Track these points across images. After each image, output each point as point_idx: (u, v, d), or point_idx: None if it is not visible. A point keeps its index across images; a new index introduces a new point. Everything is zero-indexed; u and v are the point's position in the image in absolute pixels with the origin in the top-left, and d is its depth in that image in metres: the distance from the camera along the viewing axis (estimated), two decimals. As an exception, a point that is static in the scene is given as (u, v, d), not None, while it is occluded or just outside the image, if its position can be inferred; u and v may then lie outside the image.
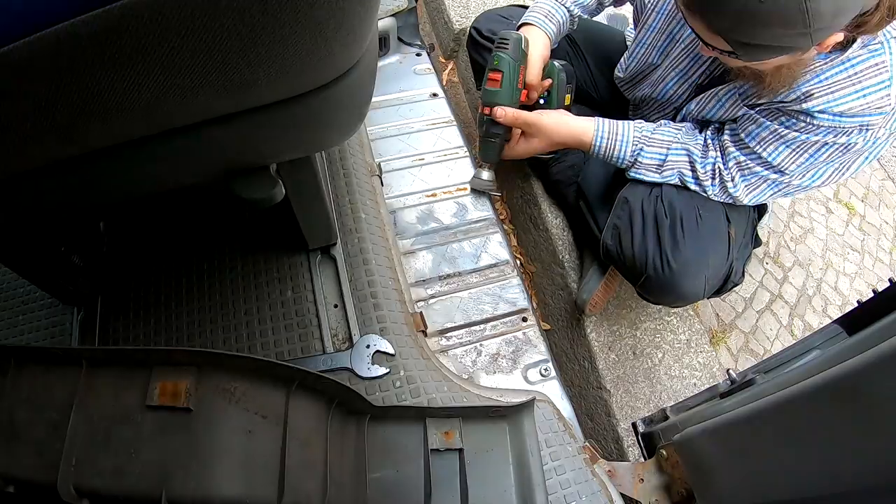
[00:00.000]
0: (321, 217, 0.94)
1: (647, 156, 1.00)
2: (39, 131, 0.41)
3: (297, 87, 0.48)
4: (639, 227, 0.99)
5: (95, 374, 0.66)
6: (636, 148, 1.01)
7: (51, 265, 0.90)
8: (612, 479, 0.84)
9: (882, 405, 0.45)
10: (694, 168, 0.98)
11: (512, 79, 1.07)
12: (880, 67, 0.79)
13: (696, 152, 0.97)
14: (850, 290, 1.45)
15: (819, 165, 0.90)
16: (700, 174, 0.97)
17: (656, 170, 1.01)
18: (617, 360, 1.16)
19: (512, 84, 1.08)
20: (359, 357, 0.92)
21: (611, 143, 1.03)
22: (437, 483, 0.76)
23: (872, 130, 0.83)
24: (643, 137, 1.01)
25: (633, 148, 1.01)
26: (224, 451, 0.63)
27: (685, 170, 0.99)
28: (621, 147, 1.02)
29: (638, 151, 1.01)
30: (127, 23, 0.34)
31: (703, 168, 0.97)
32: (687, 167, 0.98)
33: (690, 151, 0.98)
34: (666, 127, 1.02)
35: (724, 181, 0.96)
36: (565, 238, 1.28)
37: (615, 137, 1.03)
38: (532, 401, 0.83)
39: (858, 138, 0.84)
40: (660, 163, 1.00)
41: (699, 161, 0.97)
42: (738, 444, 0.64)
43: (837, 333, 0.76)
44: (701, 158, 0.97)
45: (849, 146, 0.85)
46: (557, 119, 1.07)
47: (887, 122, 0.83)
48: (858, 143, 0.85)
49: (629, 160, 1.02)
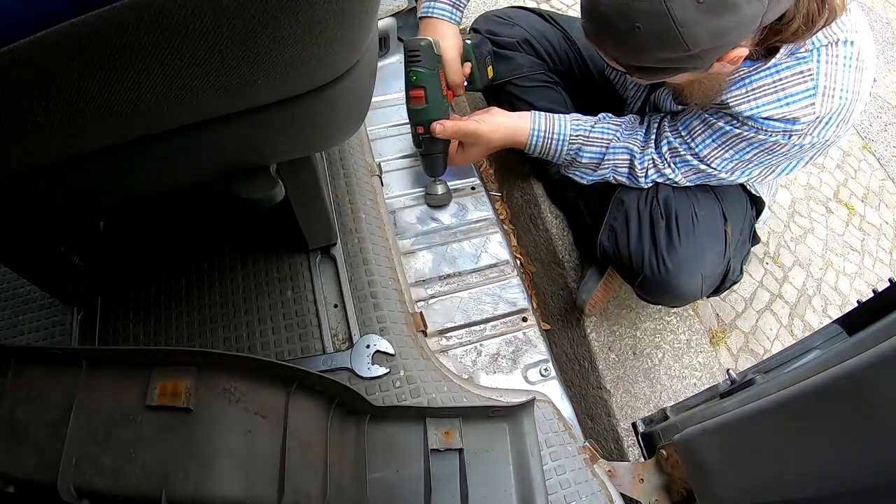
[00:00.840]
0: (321, 217, 0.94)
1: (585, 156, 1.01)
2: (39, 131, 0.41)
3: (298, 87, 0.48)
4: (634, 227, 0.99)
5: (95, 374, 0.66)
6: (573, 147, 1.01)
7: (51, 265, 0.90)
8: (612, 479, 0.84)
9: (882, 405, 0.45)
10: (632, 165, 0.99)
11: (435, 90, 1.01)
12: (805, 75, 0.78)
13: (635, 150, 0.98)
14: (850, 290, 1.45)
15: (745, 164, 0.91)
16: (637, 170, 0.98)
17: (593, 169, 1.01)
18: (617, 360, 1.16)
19: (437, 95, 1.02)
20: (359, 357, 0.92)
21: (546, 142, 1.02)
22: (437, 483, 0.76)
23: (797, 136, 0.83)
24: (580, 136, 1.00)
25: (569, 147, 1.01)
26: (224, 451, 0.63)
27: (622, 167, 1.00)
28: (558, 147, 1.02)
29: (575, 151, 1.01)
30: (127, 23, 0.34)
31: (641, 164, 0.98)
32: (625, 165, 0.99)
33: (631, 150, 0.98)
34: (606, 122, 1.01)
35: (661, 169, 0.97)
36: (565, 238, 1.28)
37: (551, 136, 1.02)
38: (532, 401, 0.83)
39: (783, 141, 0.84)
40: (597, 162, 1.01)
41: (638, 157, 0.98)
42: (738, 444, 0.64)
43: (837, 333, 0.76)
44: (640, 155, 0.98)
45: (773, 148, 0.86)
46: (494, 124, 1.04)
47: (812, 129, 0.82)
48: (783, 146, 0.85)
49: (566, 158, 1.02)
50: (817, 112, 0.79)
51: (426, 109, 1.02)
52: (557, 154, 1.03)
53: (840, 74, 0.78)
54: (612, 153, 0.99)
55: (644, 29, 0.71)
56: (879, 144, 1.83)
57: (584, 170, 1.02)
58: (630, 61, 0.78)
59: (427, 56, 0.99)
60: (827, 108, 0.79)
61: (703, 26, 0.69)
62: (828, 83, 0.78)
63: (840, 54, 0.77)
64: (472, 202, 1.25)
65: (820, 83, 0.78)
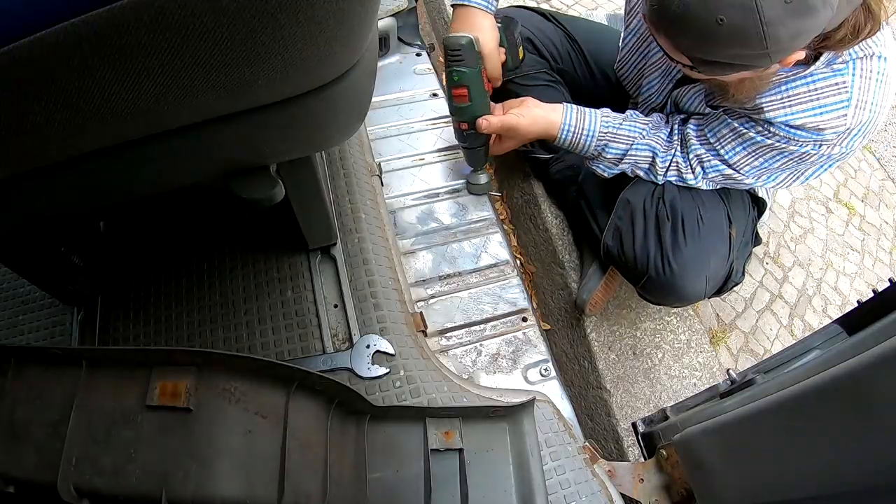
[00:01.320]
0: (321, 217, 0.94)
1: (610, 151, 1.02)
2: (39, 131, 0.41)
3: (298, 87, 0.48)
4: (640, 227, 0.99)
5: (95, 374, 0.66)
6: (601, 143, 1.03)
7: (51, 265, 0.90)
8: (612, 479, 0.84)
9: (882, 405, 0.45)
10: (653, 163, 1.00)
11: (478, 87, 1.03)
12: (840, 87, 0.79)
13: (659, 149, 0.99)
14: (850, 290, 1.45)
15: (773, 171, 0.93)
16: (658, 167, 0.99)
17: (615, 164, 1.03)
18: (617, 360, 1.15)
19: (480, 92, 1.04)
20: (359, 357, 0.92)
21: (576, 137, 1.04)
22: (437, 483, 0.76)
23: (826, 146, 0.84)
24: (608, 133, 1.02)
25: (597, 143, 1.03)
26: (224, 451, 0.63)
27: (643, 163, 1.01)
28: (586, 142, 1.04)
29: (602, 146, 1.03)
30: (127, 23, 0.34)
31: (664, 163, 0.99)
32: (646, 161, 1.01)
33: (654, 148, 1.00)
34: (633, 120, 1.02)
35: (683, 173, 0.98)
36: (565, 238, 1.28)
37: (581, 131, 1.04)
38: (532, 401, 0.83)
39: (812, 151, 0.85)
40: (621, 158, 1.02)
41: (660, 156, 0.99)
42: (738, 444, 0.64)
43: (837, 333, 0.76)
44: (663, 154, 0.99)
45: (802, 157, 0.87)
46: (532, 117, 1.06)
47: (842, 140, 0.84)
48: (812, 156, 0.87)
49: (593, 153, 1.04)
50: (848, 123, 0.80)
51: (470, 107, 1.04)
52: (585, 148, 1.05)
53: (872, 89, 0.79)
54: (636, 150, 1.01)
55: (727, 23, 0.69)
56: (879, 144, 1.83)
57: (607, 163, 1.04)
58: (699, 53, 0.77)
59: (469, 55, 1.00)
60: (857, 120, 0.80)
61: (785, 27, 0.69)
62: (861, 96, 0.79)
63: (874, 69, 0.79)
64: (472, 202, 1.25)
65: (854, 96, 0.79)
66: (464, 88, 1.02)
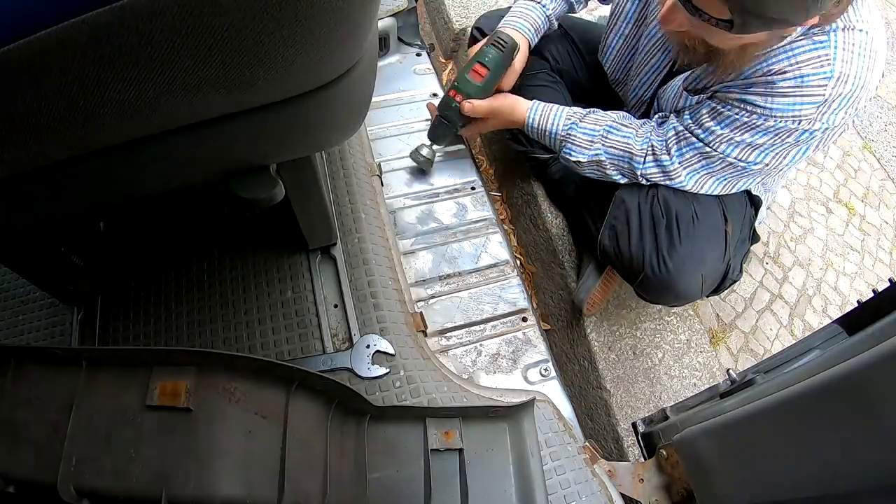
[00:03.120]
0: (321, 217, 0.94)
1: (579, 131, 1.04)
2: (39, 132, 0.41)
3: (298, 86, 0.48)
4: (635, 226, 0.99)
5: (95, 374, 0.66)
6: (569, 122, 1.05)
7: (51, 265, 0.90)
8: (612, 479, 0.84)
9: (882, 405, 0.45)
10: (628, 146, 1.00)
11: (494, 78, 1.09)
12: (823, 60, 0.79)
13: (631, 133, 1.00)
14: (850, 290, 1.45)
15: (753, 150, 0.90)
16: (635, 153, 0.99)
17: (588, 145, 1.03)
18: (617, 360, 1.15)
19: (491, 84, 1.10)
20: (359, 357, 0.92)
21: (544, 118, 1.07)
22: (437, 483, 0.76)
23: (806, 121, 0.83)
24: (576, 115, 1.05)
25: (565, 122, 1.05)
26: (224, 451, 0.63)
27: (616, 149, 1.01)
28: (554, 120, 1.06)
29: (570, 125, 1.04)
30: (127, 23, 0.34)
31: (640, 146, 0.99)
32: (620, 146, 1.01)
33: (625, 132, 1.00)
34: (601, 112, 1.05)
35: (658, 156, 0.97)
36: (565, 238, 1.28)
37: (548, 112, 1.07)
38: (532, 401, 0.83)
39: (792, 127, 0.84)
40: (591, 138, 1.03)
41: (634, 139, 0.99)
42: (738, 444, 0.64)
43: (837, 333, 0.76)
44: (637, 137, 0.99)
45: (780, 133, 0.86)
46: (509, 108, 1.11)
47: (821, 114, 0.82)
48: (792, 133, 0.85)
49: (562, 134, 1.05)
50: (827, 94, 0.80)
51: (478, 87, 1.10)
52: (553, 129, 1.06)
53: (856, 62, 0.79)
54: (608, 130, 1.02)
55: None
56: (879, 144, 1.83)
57: (578, 148, 1.04)
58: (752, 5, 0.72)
59: (508, 54, 1.08)
60: (837, 92, 0.80)
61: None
62: (843, 69, 0.79)
63: (856, 42, 0.78)
64: (472, 202, 1.25)
65: (836, 68, 0.78)
66: (486, 70, 1.08)
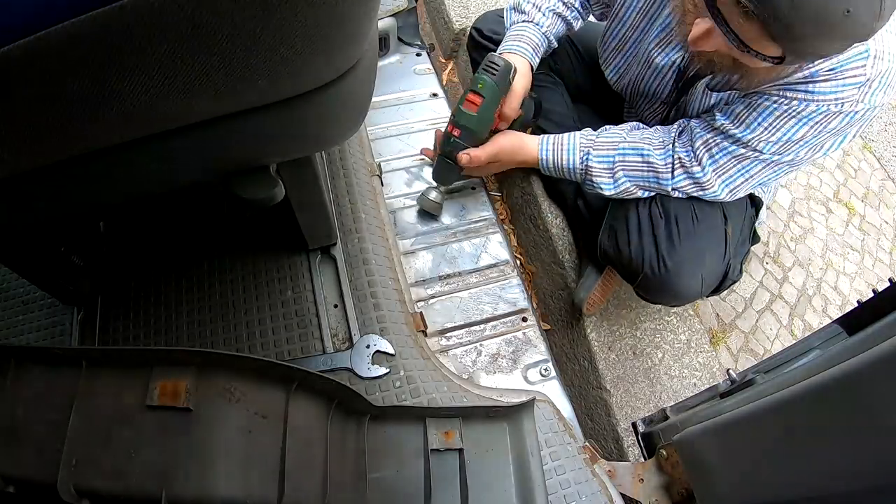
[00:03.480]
0: (321, 217, 0.94)
1: (595, 159, 1.01)
2: (39, 132, 0.41)
3: (298, 86, 0.48)
4: (635, 227, 0.99)
5: (95, 374, 0.66)
6: (584, 153, 1.02)
7: (51, 265, 0.90)
8: (612, 479, 0.84)
9: (882, 405, 0.45)
10: (650, 163, 0.96)
11: (490, 106, 1.02)
12: None
13: (646, 148, 0.97)
14: (850, 290, 1.45)
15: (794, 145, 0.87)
16: (660, 169, 0.95)
17: (609, 175, 1.00)
18: (617, 360, 1.15)
19: (489, 111, 1.02)
20: (359, 357, 0.92)
21: (557, 155, 1.04)
22: (437, 483, 0.76)
23: (849, 103, 0.81)
24: (588, 142, 1.02)
25: (580, 154, 1.02)
26: (224, 451, 0.63)
27: (637, 170, 0.98)
28: (568, 156, 1.03)
29: (586, 156, 1.02)
30: (127, 23, 0.34)
31: (665, 161, 0.95)
32: (640, 166, 0.98)
33: (640, 149, 0.97)
34: (610, 130, 1.03)
35: (689, 168, 0.94)
36: (565, 238, 1.28)
37: (560, 148, 1.04)
38: (532, 401, 0.83)
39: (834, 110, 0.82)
40: (609, 166, 1.00)
41: (655, 154, 0.96)
42: (738, 444, 0.64)
43: (837, 333, 0.76)
44: (656, 150, 0.96)
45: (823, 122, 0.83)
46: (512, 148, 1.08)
47: (863, 95, 0.81)
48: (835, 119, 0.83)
49: (580, 168, 1.03)
50: (868, 73, 0.79)
51: (473, 118, 1.02)
52: (570, 165, 1.04)
53: (887, 39, 0.78)
54: (623, 154, 0.99)
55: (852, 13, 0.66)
56: (879, 144, 1.84)
57: (599, 177, 1.01)
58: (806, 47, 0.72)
59: (502, 76, 1.00)
60: (877, 70, 0.79)
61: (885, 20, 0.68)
62: (878, 46, 0.78)
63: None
64: (472, 202, 1.25)
65: (871, 46, 0.78)
66: (479, 98, 1.00)
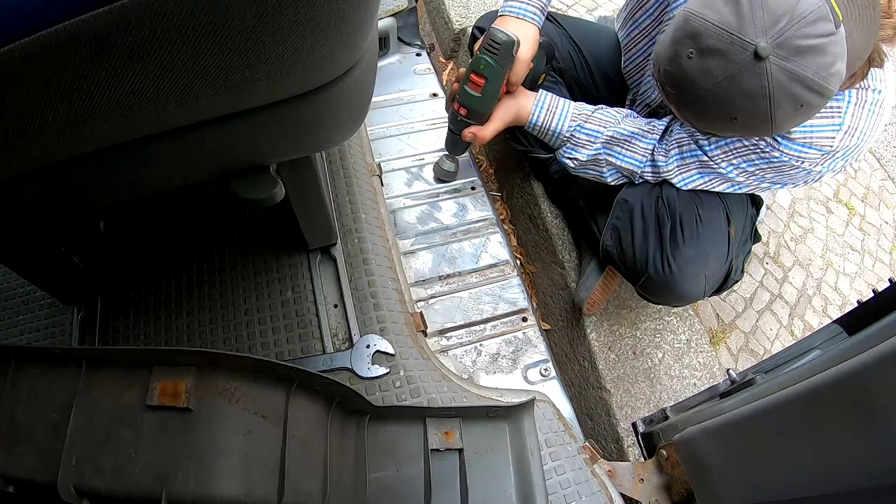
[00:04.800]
0: (321, 217, 0.94)
1: (583, 132, 1.02)
2: (39, 132, 0.41)
3: (298, 86, 0.48)
4: (639, 227, 0.99)
5: (95, 374, 0.66)
6: (574, 124, 1.02)
7: (51, 265, 0.90)
8: (612, 479, 0.84)
9: (882, 405, 0.45)
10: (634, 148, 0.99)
11: (495, 86, 1.01)
12: (834, 111, 0.81)
13: (637, 133, 0.99)
14: (850, 290, 1.45)
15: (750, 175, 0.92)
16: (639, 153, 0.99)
17: (588, 145, 1.02)
18: (617, 359, 1.15)
19: (494, 90, 1.02)
20: (359, 357, 0.92)
21: (548, 118, 1.04)
22: (437, 483, 0.76)
23: (808, 163, 0.86)
24: (583, 116, 1.02)
25: (570, 123, 1.02)
26: (224, 451, 0.63)
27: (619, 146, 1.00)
28: (559, 121, 1.03)
29: (577, 127, 1.02)
30: (127, 23, 0.34)
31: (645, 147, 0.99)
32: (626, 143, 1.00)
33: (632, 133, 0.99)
34: (605, 110, 1.03)
35: (655, 159, 0.98)
36: (565, 238, 1.28)
37: (553, 113, 1.04)
38: (532, 401, 0.83)
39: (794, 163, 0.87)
40: (593, 139, 1.01)
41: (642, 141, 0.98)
42: (738, 444, 0.64)
43: (837, 333, 0.76)
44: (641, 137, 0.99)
45: (782, 167, 0.88)
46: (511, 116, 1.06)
47: (824, 160, 0.85)
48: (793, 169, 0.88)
49: (566, 134, 1.03)
50: (835, 146, 0.83)
51: (478, 99, 1.02)
52: (558, 128, 1.03)
53: (864, 117, 0.81)
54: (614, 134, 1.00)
55: (740, 122, 0.74)
56: (879, 144, 1.83)
57: (579, 149, 1.02)
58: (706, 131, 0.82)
59: (505, 53, 0.99)
60: (844, 144, 0.83)
61: (792, 123, 0.74)
62: (852, 123, 0.81)
63: (868, 100, 0.81)
64: (472, 202, 1.25)
65: (846, 122, 0.81)
66: (483, 79, 1.00)
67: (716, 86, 0.71)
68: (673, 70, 0.75)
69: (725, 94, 0.71)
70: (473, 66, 1.01)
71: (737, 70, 0.69)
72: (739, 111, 0.72)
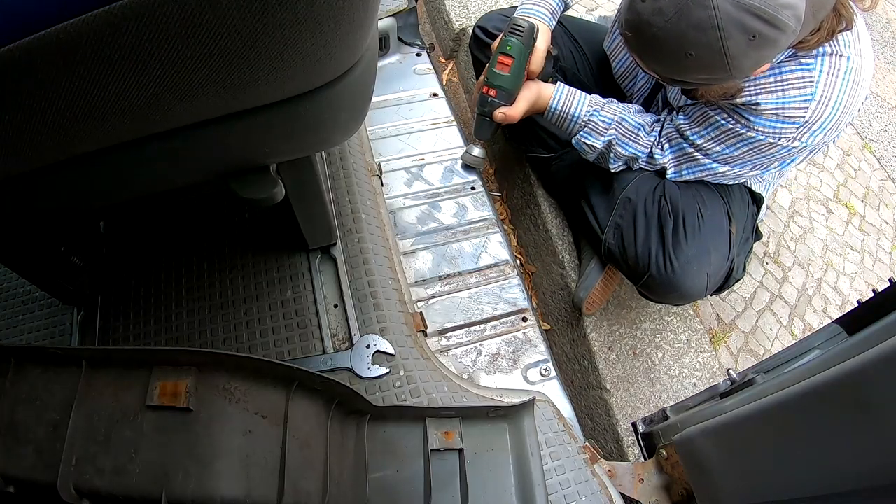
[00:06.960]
0: (321, 217, 0.94)
1: (599, 117, 1.05)
2: (39, 132, 0.41)
3: (298, 86, 0.48)
4: (642, 226, 0.99)
5: (95, 374, 0.66)
6: (592, 108, 1.06)
7: (51, 265, 0.90)
8: (612, 479, 0.84)
9: (882, 405, 0.45)
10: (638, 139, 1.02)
11: (520, 64, 1.09)
12: (806, 81, 0.82)
13: (644, 125, 1.02)
14: (850, 290, 1.45)
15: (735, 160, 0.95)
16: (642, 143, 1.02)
17: (603, 131, 1.05)
18: (617, 360, 1.15)
19: (520, 69, 1.09)
20: (359, 357, 0.92)
21: (568, 103, 1.08)
22: (437, 483, 0.76)
23: (785, 139, 0.87)
24: (599, 103, 1.06)
25: (588, 108, 1.06)
26: (224, 451, 0.63)
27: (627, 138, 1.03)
28: (578, 105, 1.07)
29: (594, 112, 1.05)
30: (127, 23, 0.34)
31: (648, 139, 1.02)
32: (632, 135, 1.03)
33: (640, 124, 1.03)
34: (618, 103, 1.07)
35: (653, 150, 1.02)
36: (565, 238, 1.28)
37: (572, 99, 1.08)
38: (532, 401, 0.83)
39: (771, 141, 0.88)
40: (607, 126, 1.05)
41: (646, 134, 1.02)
42: (738, 444, 0.64)
43: (837, 333, 0.76)
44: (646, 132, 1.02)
45: (761, 147, 0.90)
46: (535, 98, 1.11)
47: (801, 133, 0.86)
48: (772, 147, 0.89)
49: (584, 119, 1.06)
50: (808, 116, 0.83)
51: (507, 77, 1.09)
52: (576, 113, 1.07)
53: (837, 87, 0.82)
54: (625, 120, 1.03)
55: (695, 56, 0.76)
56: (879, 144, 1.83)
57: (595, 134, 1.06)
58: (667, 75, 0.84)
59: (527, 36, 1.08)
60: (817, 115, 0.83)
61: (749, 58, 0.75)
62: (825, 92, 0.82)
63: (841, 68, 0.81)
64: (472, 202, 1.25)
65: (818, 91, 0.82)
66: (510, 59, 1.08)
67: (667, 22, 0.74)
68: (630, 17, 0.79)
69: (677, 29, 0.74)
70: (500, 48, 1.09)
71: (684, 3, 0.72)
72: (692, 45, 0.75)
